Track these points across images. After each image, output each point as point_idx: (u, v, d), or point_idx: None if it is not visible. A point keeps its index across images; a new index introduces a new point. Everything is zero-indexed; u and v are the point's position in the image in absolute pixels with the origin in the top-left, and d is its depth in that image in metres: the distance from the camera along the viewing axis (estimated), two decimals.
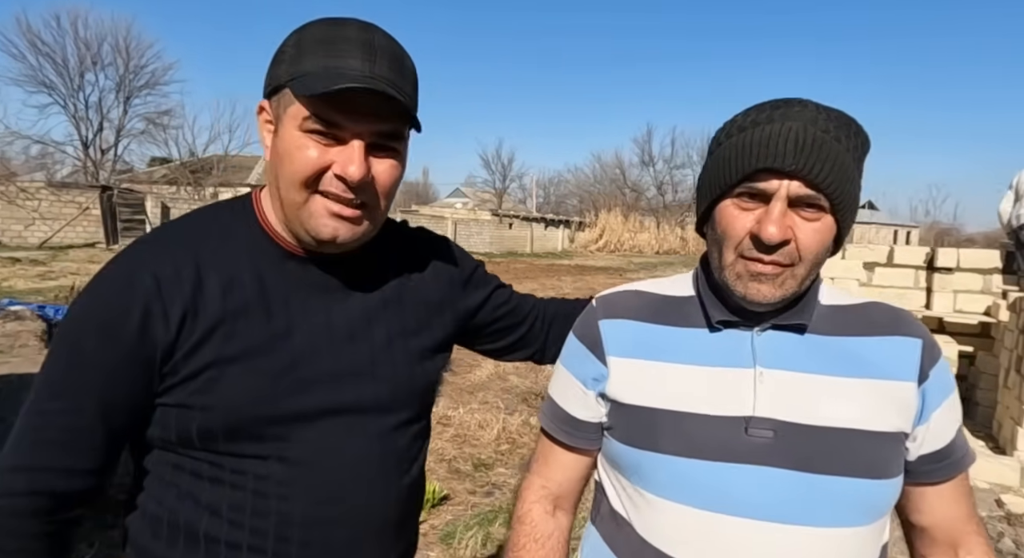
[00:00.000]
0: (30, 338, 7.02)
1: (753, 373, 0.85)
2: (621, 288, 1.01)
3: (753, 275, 0.81)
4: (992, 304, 5.46)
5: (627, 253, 34.91)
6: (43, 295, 9.70)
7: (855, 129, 0.82)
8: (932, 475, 0.87)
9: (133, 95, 27.90)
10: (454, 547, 3.03)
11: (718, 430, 0.83)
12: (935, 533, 0.90)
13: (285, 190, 0.84)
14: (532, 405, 5.46)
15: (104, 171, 26.40)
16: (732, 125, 0.86)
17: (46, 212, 18.41)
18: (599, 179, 48.62)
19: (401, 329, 0.97)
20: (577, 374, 0.97)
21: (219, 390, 0.83)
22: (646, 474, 0.88)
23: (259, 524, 0.86)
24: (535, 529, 0.99)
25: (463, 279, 1.09)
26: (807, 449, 0.81)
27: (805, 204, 0.79)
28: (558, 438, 0.99)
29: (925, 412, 0.85)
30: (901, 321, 0.89)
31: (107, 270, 0.85)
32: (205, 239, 0.87)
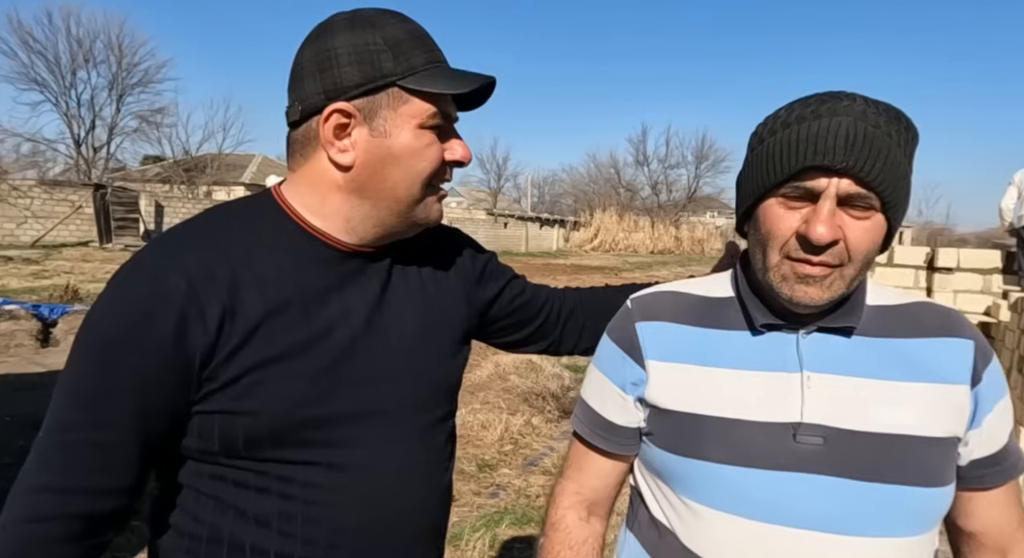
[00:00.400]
0: (25, 338, 6.96)
1: (800, 377, 0.82)
2: (657, 289, 0.99)
3: (800, 277, 0.78)
4: (992, 304, 5.48)
5: (622, 252, 34.95)
6: (37, 294, 9.61)
7: (905, 123, 0.79)
8: (984, 480, 0.85)
9: (126, 93, 27.73)
10: (461, 549, 3.01)
11: (765, 437, 0.81)
12: (984, 539, 0.88)
13: (405, 190, 0.85)
14: (533, 405, 5.45)
15: (97, 169, 26.22)
16: (775, 121, 0.82)
17: (38, 210, 18.25)
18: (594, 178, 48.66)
19: (430, 324, 0.96)
20: (614, 378, 0.94)
21: (264, 394, 0.79)
22: (689, 482, 0.85)
23: (311, 533, 0.83)
24: (569, 536, 0.97)
25: (479, 270, 1.08)
26: (859, 456, 0.78)
27: (855, 202, 0.76)
28: (594, 443, 0.97)
29: (978, 416, 0.82)
30: (952, 322, 0.86)
31: (131, 272, 0.79)
32: (232, 237, 0.83)
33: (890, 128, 0.76)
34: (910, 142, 0.79)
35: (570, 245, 37.20)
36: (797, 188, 0.77)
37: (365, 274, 0.90)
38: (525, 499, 3.65)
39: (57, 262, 14.06)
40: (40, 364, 6.29)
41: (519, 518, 3.35)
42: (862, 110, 0.76)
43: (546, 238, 35.93)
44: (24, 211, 18.00)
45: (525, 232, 33.82)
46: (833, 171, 0.75)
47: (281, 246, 0.85)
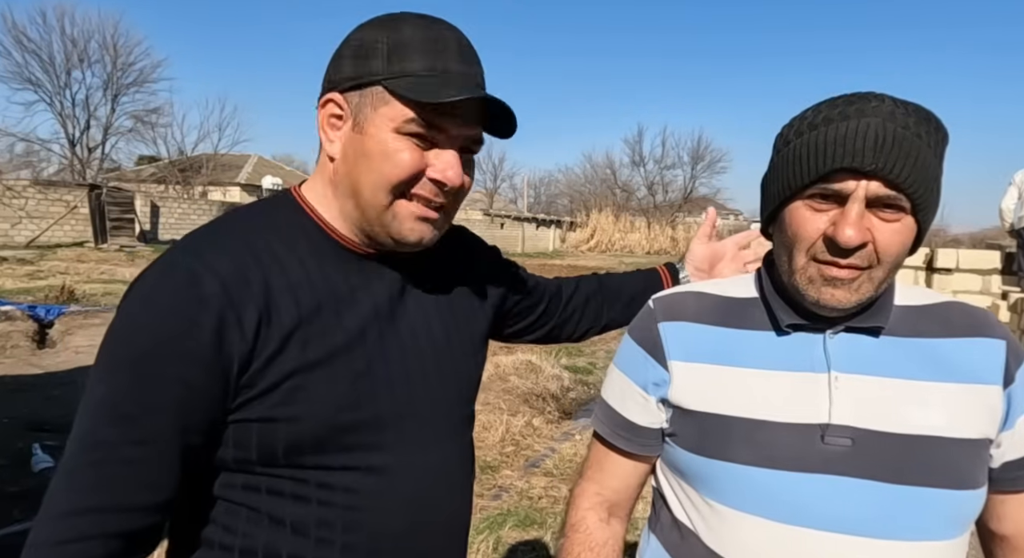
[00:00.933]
0: (21, 339, 6.92)
1: (828, 378, 0.81)
2: (679, 289, 0.98)
3: (827, 279, 0.77)
4: (991, 305, 5.50)
5: (618, 253, 34.99)
6: (33, 295, 9.55)
7: (935, 124, 0.78)
8: (1017, 483, 0.84)
9: (121, 93, 27.57)
10: (467, 552, 3.00)
11: (792, 438, 0.80)
12: (1017, 543, 0.87)
13: (370, 192, 0.80)
14: (534, 406, 5.44)
15: (91, 170, 26.09)
16: (802, 122, 0.81)
17: (33, 211, 18.14)
18: (590, 179, 48.69)
19: (455, 324, 0.96)
20: (636, 379, 0.93)
21: (305, 399, 0.77)
22: (715, 484, 0.85)
23: (351, 540, 0.81)
24: (589, 537, 0.96)
25: (490, 266, 1.09)
26: (888, 458, 0.77)
27: (884, 204, 0.75)
28: (615, 444, 0.96)
29: (1011, 417, 0.81)
30: (982, 321, 0.85)
31: (160, 277, 0.75)
32: (259, 240, 0.81)
33: (919, 129, 0.75)
34: (940, 143, 0.78)
35: (566, 245, 37.23)
36: (825, 190, 0.76)
37: (386, 273, 0.89)
38: (528, 501, 3.64)
39: (52, 262, 13.99)
40: (36, 365, 6.25)
41: (522, 520, 3.34)
42: (891, 111, 0.75)
43: (542, 238, 35.94)
44: (19, 211, 17.90)
45: (521, 232, 33.82)
46: (862, 173, 0.74)
47: (303, 246, 0.84)
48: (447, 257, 1.00)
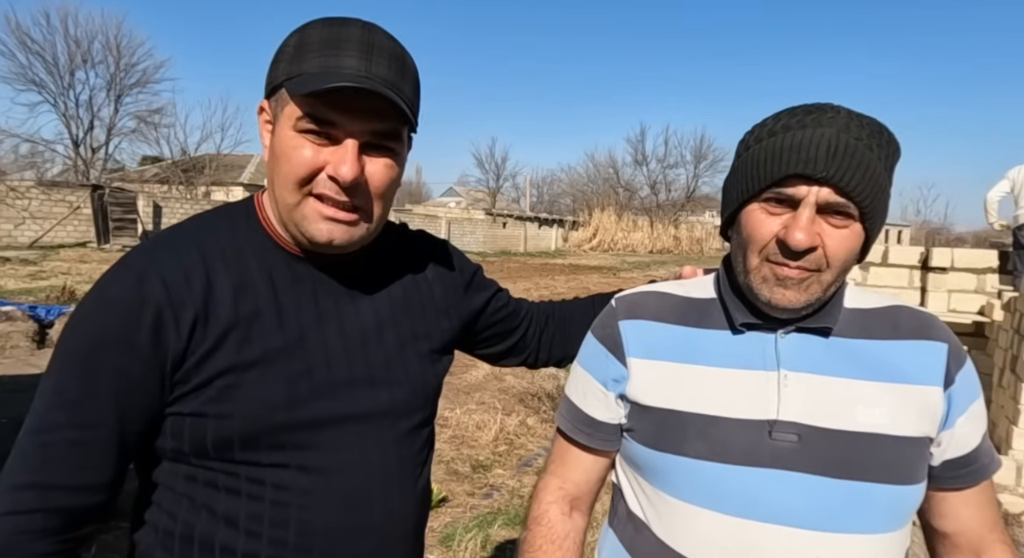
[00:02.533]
0: (21, 339, 6.96)
1: (777, 376, 0.84)
2: (641, 289, 1.01)
3: (779, 280, 0.81)
4: (986, 303, 5.49)
5: (620, 252, 34.99)
6: (34, 295, 9.61)
7: (887, 137, 0.82)
8: (957, 481, 0.87)
9: (124, 93, 27.68)
10: (453, 550, 3.01)
11: (743, 434, 0.83)
12: (958, 540, 0.90)
13: (280, 190, 0.83)
14: (529, 406, 5.46)
15: (95, 170, 26.19)
16: (762, 129, 0.85)
17: (36, 211, 18.24)
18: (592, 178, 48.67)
19: (411, 333, 0.97)
20: (597, 375, 0.96)
21: (235, 398, 0.81)
22: (667, 477, 0.87)
23: (278, 534, 0.84)
24: (552, 530, 0.98)
25: (465, 282, 1.09)
26: (833, 454, 0.80)
27: (834, 211, 0.78)
28: (576, 439, 0.99)
29: (951, 417, 0.84)
30: (927, 325, 0.88)
31: (113, 276, 0.81)
32: (211, 243, 0.85)
33: (872, 141, 0.79)
34: (891, 156, 0.82)
35: (568, 245, 37.22)
36: (779, 194, 0.80)
37: (335, 278, 0.91)
38: (519, 500, 3.65)
39: (55, 263, 14.06)
40: (36, 365, 6.29)
41: (512, 518, 3.36)
42: (845, 123, 0.79)
43: (544, 238, 35.94)
44: (22, 212, 17.99)
45: (524, 232, 33.83)
46: (814, 180, 0.77)
47: (254, 251, 0.87)
48: (415, 268, 1.01)
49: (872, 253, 6.09)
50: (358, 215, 0.84)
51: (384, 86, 0.78)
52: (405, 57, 0.85)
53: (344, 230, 0.84)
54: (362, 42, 0.80)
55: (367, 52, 0.80)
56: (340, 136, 0.80)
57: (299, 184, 0.81)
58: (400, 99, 0.80)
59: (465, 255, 1.14)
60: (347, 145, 0.80)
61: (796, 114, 0.82)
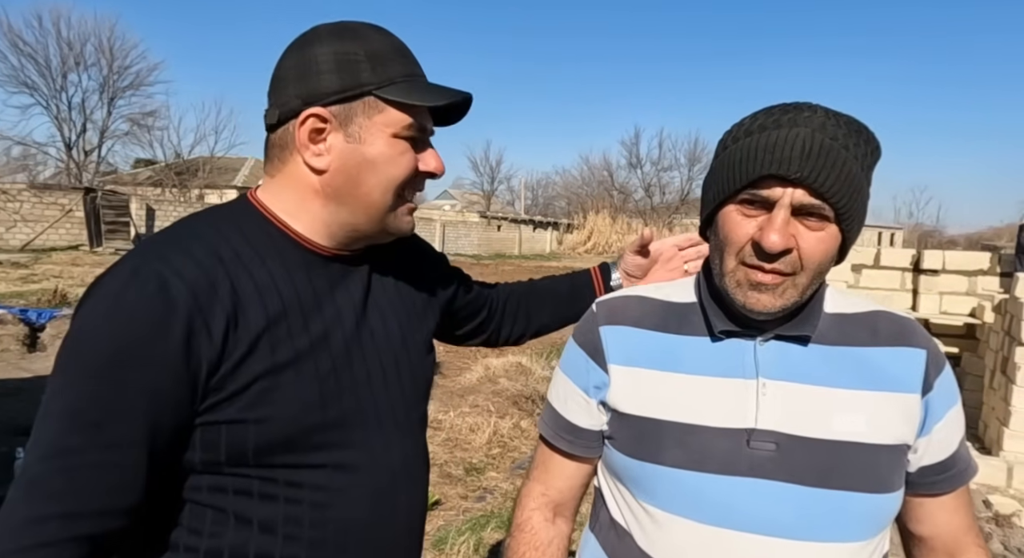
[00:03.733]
0: (11, 342, 6.91)
1: (756, 384, 0.83)
2: (622, 293, 1.00)
3: (753, 284, 0.80)
4: (977, 305, 5.52)
5: (615, 255, 34.95)
6: (25, 298, 9.55)
7: (865, 136, 0.80)
8: (934, 487, 0.87)
9: (117, 96, 27.59)
10: (446, 553, 3.01)
11: (721, 442, 0.82)
12: (934, 543, 0.90)
13: (379, 197, 0.87)
14: (523, 408, 5.45)
15: (87, 173, 26.08)
16: (739, 129, 0.83)
17: (28, 214, 18.14)
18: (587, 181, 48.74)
19: (408, 325, 0.99)
20: (578, 382, 0.95)
21: (274, 401, 0.79)
22: (647, 486, 0.86)
23: (317, 535, 0.84)
24: (535, 537, 0.98)
25: (438, 271, 1.13)
26: (810, 463, 0.79)
27: (809, 213, 0.77)
28: (558, 446, 0.98)
29: (928, 424, 0.84)
30: (907, 331, 0.87)
31: (128, 281, 0.73)
32: (223, 243, 0.82)
33: (848, 141, 0.77)
34: (868, 156, 0.80)
35: (563, 247, 37.24)
36: (754, 196, 0.79)
37: (349, 278, 0.92)
38: (512, 502, 3.64)
39: (46, 266, 13.97)
40: (26, 369, 6.25)
41: (505, 522, 3.35)
42: (822, 122, 0.77)
43: (539, 240, 35.96)
44: (13, 215, 17.90)
45: (518, 234, 33.84)
46: (788, 181, 0.76)
47: (269, 252, 0.85)
48: (403, 260, 1.03)
49: (864, 255, 6.13)
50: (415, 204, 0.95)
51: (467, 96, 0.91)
52: None
53: (413, 220, 0.94)
54: (407, 48, 0.90)
55: (415, 60, 0.90)
56: (424, 139, 0.89)
57: (401, 187, 0.87)
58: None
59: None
60: (431, 147, 0.91)
61: (773, 113, 0.80)
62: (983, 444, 4.75)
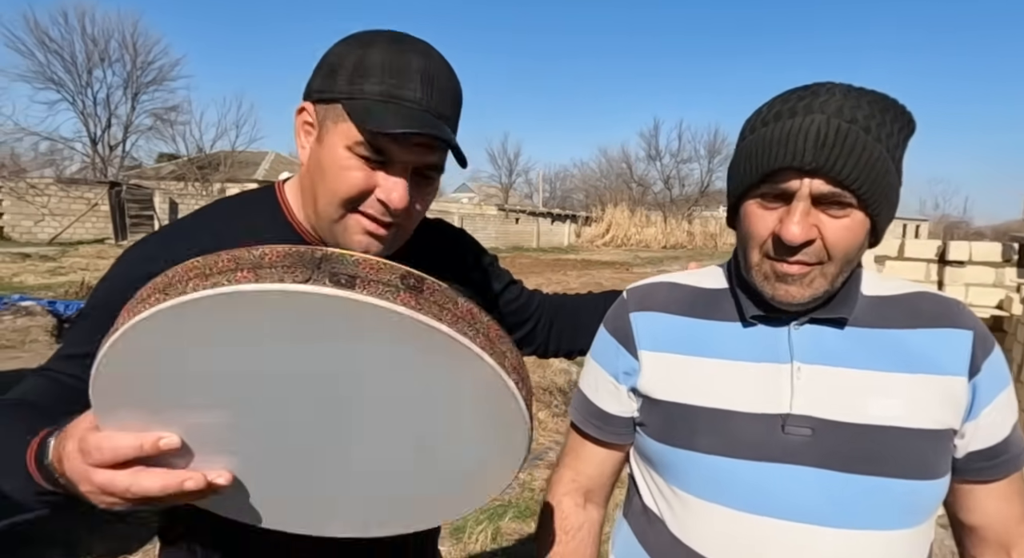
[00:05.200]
0: (40, 333, 7.07)
1: (790, 368, 0.82)
2: (652, 280, 0.99)
3: (780, 276, 0.79)
4: (1005, 297, 5.40)
5: (633, 248, 34.85)
6: (53, 291, 9.76)
7: (893, 113, 0.76)
8: (983, 473, 0.83)
9: (140, 91, 27.95)
10: (464, 541, 3.03)
11: (755, 428, 0.81)
12: (986, 533, 0.86)
13: (323, 202, 0.84)
14: (540, 400, 5.46)
15: (112, 167, 26.48)
16: (757, 118, 0.82)
17: (55, 208, 18.51)
18: (605, 174, 48.53)
19: None
20: (608, 368, 0.95)
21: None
22: (679, 472, 0.86)
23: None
24: (565, 521, 0.98)
25: (483, 270, 1.11)
26: (847, 448, 0.78)
27: (831, 201, 0.75)
28: (588, 432, 0.98)
29: (976, 408, 0.80)
30: (950, 311, 0.84)
31: (128, 253, 0.85)
32: (227, 228, 0.87)
33: (870, 122, 0.74)
34: (896, 134, 0.77)
35: (581, 240, 37.11)
36: (772, 188, 0.77)
37: None
38: (529, 492, 3.66)
39: (73, 259, 14.25)
40: None
41: (522, 511, 3.37)
42: (839, 106, 0.74)
43: (557, 233, 35.86)
44: (42, 209, 18.28)
45: (536, 228, 33.78)
46: (804, 171, 0.74)
47: (270, 239, 0.86)
48: (430, 255, 1.02)
49: (888, 247, 6.02)
50: (396, 232, 0.86)
51: (440, 122, 0.81)
52: (458, 87, 0.86)
53: (376, 244, 0.86)
54: (423, 72, 0.81)
55: (428, 84, 0.81)
56: (393, 163, 0.81)
57: (345, 202, 0.82)
58: (453, 138, 0.82)
59: (481, 244, 1.16)
60: (399, 177, 0.82)
61: (790, 99, 0.78)
62: None
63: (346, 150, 0.80)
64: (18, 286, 10.21)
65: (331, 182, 0.82)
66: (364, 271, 0.54)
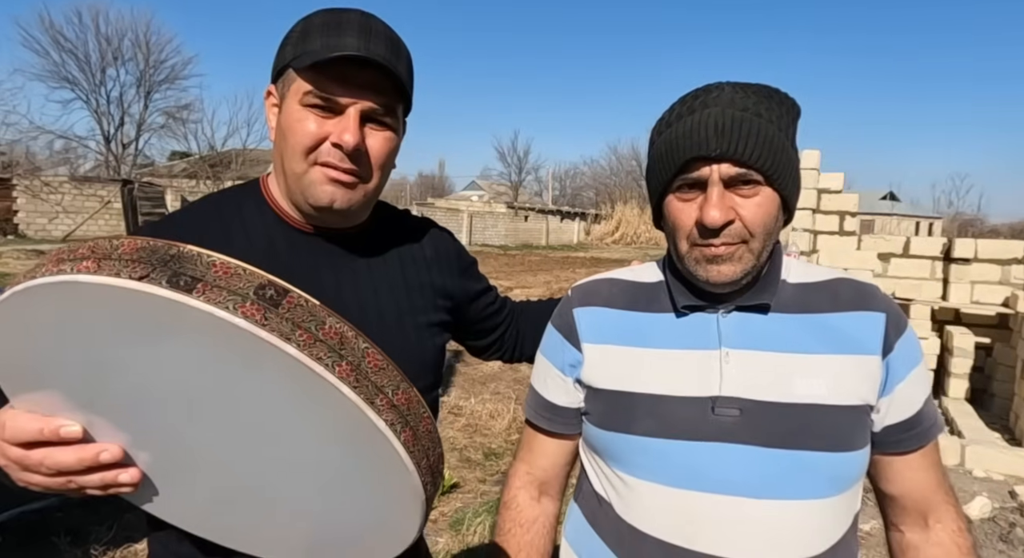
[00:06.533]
0: None
1: (719, 354, 0.87)
2: (595, 277, 1.05)
3: (709, 258, 0.84)
4: (1011, 295, 5.37)
5: (643, 245, 34.76)
6: None
7: (778, 99, 0.85)
8: (899, 445, 0.89)
9: (153, 90, 28.15)
10: (463, 533, 3.07)
11: (688, 410, 0.86)
12: (905, 502, 0.92)
13: (288, 162, 0.89)
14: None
15: (125, 165, 26.74)
16: (661, 122, 0.89)
17: (69, 206, 18.75)
18: (615, 171, 48.42)
19: (409, 308, 1.01)
20: (555, 361, 1.00)
21: None
22: (620, 455, 0.91)
23: None
24: (520, 514, 1.02)
25: (461, 269, 1.13)
26: (773, 425, 0.83)
27: (740, 182, 0.82)
28: (540, 425, 1.02)
29: (889, 384, 0.86)
30: (866, 296, 0.90)
31: None
32: (214, 218, 0.92)
33: (759, 108, 0.82)
34: (784, 116, 0.85)
35: (591, 238, 37.08)
36: (686, 179, 0.84)
37: (339, 257, 0.96)
38: None
39: None
40: None
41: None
42: (730, 98, 0.83)
43: (567, 231, 35.85)
44: (55, 206, 18.52)
45: (546, 225, 33.79)
46: (711, 158, 0.81)
47: (256, 226, 0.93)
48: (409, 249, 1.06)
49: (893, 244, 6.00)
50: (358, 180, 0.90)
51: (382, 60, 0.85)
52: (400, 42, 0.91)
53: (345, 193, 0.89)
54: (361, 25, 0.87)
55: (365, 33, 0.86)
56: (342, 108, 0.86)
57: (305, 153, 0.87)
58: (395, 72, 0.86)
59: (463, 246, 1.19)
60: (349, 114, 0.86)
61: (687, 101, 0.86)
62: (1013, 435, 4.64)
63: (298, 105, 0.86)
64: None
65: (290, 138, 0.87)
66: (214, 275, 0.51)
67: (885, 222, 39.95)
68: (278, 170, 0.93)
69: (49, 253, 0.56)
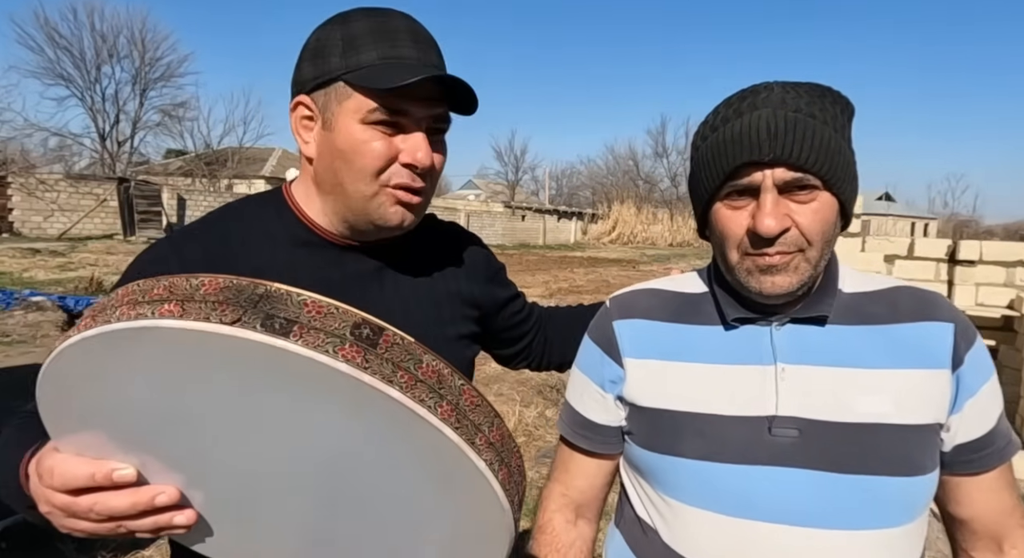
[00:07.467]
0: (51, 328, 7.12)
1: (774, 370, 0.82)
2: (634, 287, 0.99)
3: (763, 268, 0.79)
4: (1016, 297, 5.37)
5: (640, 245, 34.79)
6: (63, 286, 9.82)
7: (831, 98, 0.79)
8: (970, 465, 0.83)
9: (149, 87, 28.02)
10: None
11: (740, 432, 0.81)
12: (976, 526, 0.86)
13: (352, 183, 0.84)
14: (547, 397, 5.47)
15: (121, 163, 26.59)
16: (706, 127, 0.83)
17: (64, 204, 18.60)
18: (612, 171, 48.48)
19: (436, 318, 0.98)
20: (594, 377, 0.95)
21: None
22: (666, 479, 0.86)
23: None
24: (556, 539, 0.97)
25: (489, 278, 1.10)
26: (835, 448, 0.78)
27: (796, 187, 0.76)
28: (577, 444, 0.97)
29: (960, 400, 0.80)
30: (930, 305, 0.84)
31: (141, 255, 0.86)
32: (235, 229, 0.88)
33: (812, 109, 0.77)
34: (839, 115, 0.79)
35: (588, 238, 37.09)
36: (736, 186, 0.78)
37: (364, 263, 0.92)
38: (537, 490, 3.66)
39: (82, 254, 14.32)
40: None
41: (530, 509, 3.37)
42: (780, 99, 0.77)
43: (564, 231, 35.84)
44: (51, 204, 18.37)
45: (543, 225, 33.76)
46: (764, 163, 0.76)
47: (280, 239, 0.89)
48: (437, 257, 1.02)
49: (897, 245, 5.99)
50: (423, 197, 0.88)
51: (455, 78, 0.82)
52: (438, 44, 0.88)
53: (410, 213, 0.87)
54: (409, 31, 0.83)
55: (416, 41, 0.83)
56: (408, 125, 0.82)
57: (375, 175, 0.82)
58: (469, 86, 0.83)
59: (492, 252, 1.16)
60: (419, 134, 0.83)
61: (732, 103, 0.80)
62: (1020, 438, 4.64)
63: (360, 124, 0.81)
64: (28, 281, 10.28)
65: (356, 160, 0.82)
66: (307, 315, 0.48)
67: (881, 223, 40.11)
68: (327, 188, 0.87)
69: (115, 293, 0.52)
